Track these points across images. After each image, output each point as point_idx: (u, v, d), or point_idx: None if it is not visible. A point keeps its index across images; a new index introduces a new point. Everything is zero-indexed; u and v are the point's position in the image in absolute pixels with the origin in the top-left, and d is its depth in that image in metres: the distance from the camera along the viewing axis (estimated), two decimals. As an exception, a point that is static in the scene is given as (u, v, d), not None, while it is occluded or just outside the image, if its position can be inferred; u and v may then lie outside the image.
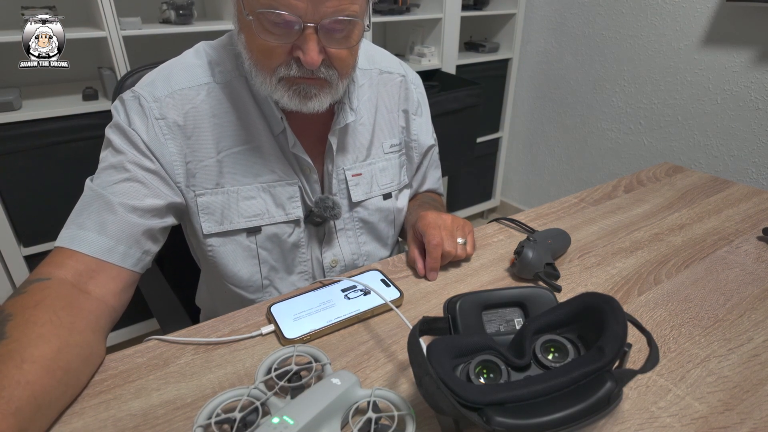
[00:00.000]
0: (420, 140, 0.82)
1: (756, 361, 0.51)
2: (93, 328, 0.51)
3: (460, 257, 0.68)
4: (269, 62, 0.58)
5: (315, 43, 0.55)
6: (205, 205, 0.66)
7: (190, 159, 0.65)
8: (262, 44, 0.57)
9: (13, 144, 1.23)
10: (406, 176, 0.83)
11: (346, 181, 0.74)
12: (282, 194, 0.70)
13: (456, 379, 0.36)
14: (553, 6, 2.02)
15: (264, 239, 0.70)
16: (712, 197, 0.88)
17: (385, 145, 0.78)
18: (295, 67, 0.58)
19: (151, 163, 0.62)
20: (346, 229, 0.77)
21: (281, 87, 0.60)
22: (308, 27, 0.54)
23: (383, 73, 0.77)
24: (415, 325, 0.41)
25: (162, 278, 0.82)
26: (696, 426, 0.43)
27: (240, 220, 0.68)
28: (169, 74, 0.65)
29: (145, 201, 0.61)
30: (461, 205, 2.38)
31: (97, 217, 0.58)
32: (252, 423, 0.41)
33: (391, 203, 0.80)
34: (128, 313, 0.60)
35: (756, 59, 1.50)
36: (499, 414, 0.34)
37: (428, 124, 0.84)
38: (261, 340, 0.54)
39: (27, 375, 0.42)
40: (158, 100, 0.62)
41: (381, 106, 0.77)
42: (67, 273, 0.54)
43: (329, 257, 0.76)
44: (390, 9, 1.80)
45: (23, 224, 1.34)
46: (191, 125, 0.64)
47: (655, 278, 0.65)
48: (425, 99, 0.84)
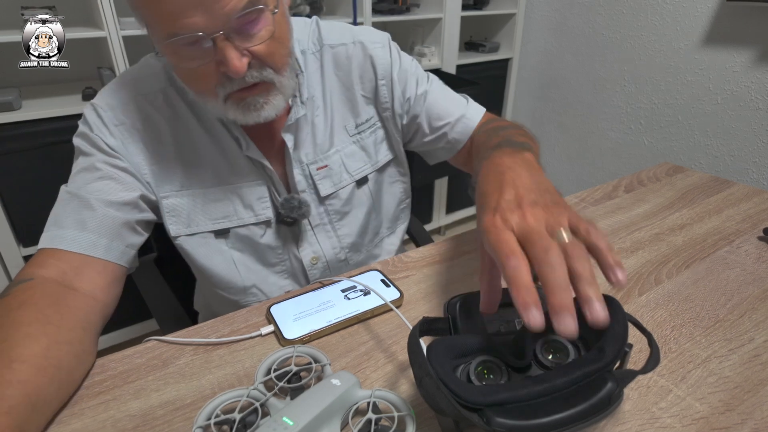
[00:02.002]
0: (395, 106, 0.73)
1: (757, 362, 0.50)
2: (83, 325, 0.51)
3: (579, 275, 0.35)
4: (203, 86, 0.56)
5: (232, 50, 0.52)
6: (171, 207, 0.66)
7: (153, 161, 0.65)
8: (190, 72, 0.56)
9: (12, 144, 1.23)
10: (388, 152, 0.77)
11: (312, 177, 0.71)
12: (250, 195, 0.68)
13: (456, 379, 0.36)
14: (554, 6, 2.02)
15: (235, 241, 0.69)
16: (712, 197, 0.87)
17: (349, 128, 0.73)
18: (229, 82, 0.55)
19: (120, 162, 0.63)
20: (322, 224, 0.74)
21: (230, 106, 0.58)
22: (217, 37, 0.51)
23: (335, 48, 0.71)
24: (415, 325, 0.41)
25: (161, 279, 0.82)
26: (697, 426, 0.43)
27: (207, 223, 0.68)
28: (125, 82, 0.65)
29: (120, 195, 0.61)
30: (461, 205, 2.38)
31: (76, 215, 0.58)
32: (251, 424, 0.41)
33: (368, 188, 0.75)
34: (127, 313, 0.60)
35: (756, 59, 1.50)
36: (500, 415, 0.34)
37: (406, 80, 0.73)
38: (260, 341, 0.54)
39: (18, 374, 0.41)
40: (114, 108, 0.63)
41: (336, 87, 0.72)
42: (51, 272, 0.54)
43: (309, 255, 0.75)
44: (390, 9, 1.80)
45: (22, 224, 1.34)
46: (150, 129, 0.64)
47: (655, 278, 0.64)
48: (398, 57, 0.73)
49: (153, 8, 0.50)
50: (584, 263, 0.35)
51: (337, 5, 1.78)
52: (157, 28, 0.52)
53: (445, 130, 0.75)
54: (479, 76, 2.08)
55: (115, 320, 1.55)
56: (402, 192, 0.83)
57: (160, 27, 0.51)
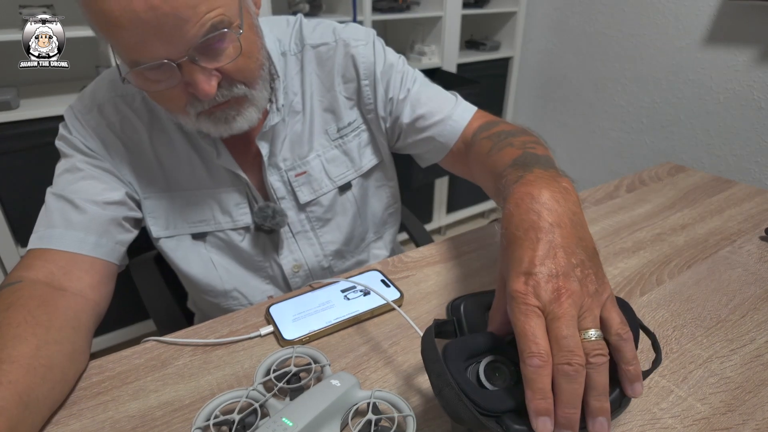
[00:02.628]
0: (379, 107, 0.70)
1: (758, 362, 0.50)
2: (72, 325, 0.51)
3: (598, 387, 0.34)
4: (174, 106, 0.55)
5: (199, 73, 0.50)
6: (150, 208, 0.66)
7: (132, 163, 0.65)
8: (159, 95, 0.54)
9: (10, 143, 1.23)
10: (374, 155, 0.74)
11: (290, 183, 0.69)
12: (227, 200, 0.68)
13: (476, 389, 0.36)
14: (555, 4, 2.02)
15: (213, 245, 0.69)
16: (714, 197, 0.87)
17: (330, 131, 0.70)
18: (198, 102, 0.54)
19: (102, 162, 0.63)
20: (304, 231, 0.73)
21: (202, 120, 0.57)
22: (182, 62, 0.49)
23: (316, 48, 0.68)
24: (428, 330, 0.40)
25: (160, 279, 0.82)
26: (698, 427, 0.43)
27: (184, 225, 0.68)
28: (104, 84, 0.65)
29: (105, 194, 0.61)
30: (461, 204, 2.38)
31: (62, 215, 0.58)
32: (251, 425, 0.40)
33: (352, 195, 0.73)
34: (126, 314, 0.60)
35: (759, 58, 1.49)
36: (516, 421, 0.34)
37: (391, 76, 0.69)
38: (260, 341, 0.54)
39: (8, 375, 0.41)
40: (91, 110, 0.63)
41: (316, 89, 0.69)
42: (39, 273, 0.54)
43: (290, 263, 0.73)
44: (390, 7, 1.79)
45: (21, 224, 1.34)
46: (128, 131, 0.64)
47: (657, 278, 0.64)
48: (382, 54, 0.69)
49: (113, 38, 0.48)
50: (603, 376, 0.33)
51: (337, 4, 1.77)
52: (121, 55, 0.51)
53: (430, 133, 0.70)
54: (480, 75, 2.07)
55: (114, 321, 1.54)
56: (389, 197, 0.80)
57: (123, 55, 0.50)
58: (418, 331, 0.52)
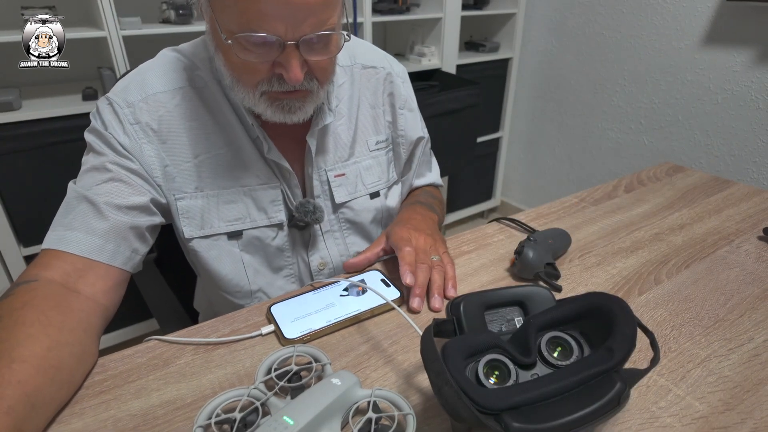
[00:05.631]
0: (407, 134, 0.80)
1: (756, 361, 0.50)
2: (84, 327, 0.51)
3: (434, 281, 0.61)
4: (251, 79, 0.58)
5: (297, 60, 0.54)
6: (185, 209, 0.66)
7: (168, 162, 0.64)
8: (243, 64, 0.56)
9: (12, 144, 1.23)
10: (394, 173, 0.81)
11: (329, 183, 0.73)
12: (263, 198, 0.69)
13: (476, 387, 0.36)
14: (554, 5, 2.02)
15: (246, 243, 0.69)
16: (712, 197, 0.87)
17: (370, 143, 0.76)
18: (276, 83, 0.57)
19: (131, 163, 0.62)
20: (332, 230, 0.76)
21: (263, 101, 0.59)
22: (289, 45, 0.53)
23: (366, 68, 0.76)
24: (428, 330, 0.41)
25: (162, 279, 0.82)
26: (696, 426, 0.43)
27: (220, 224, 0.68)
28: (143, 79, 0.64)
29: (130, 199, 0.61)
30: (461, 204, 2.38)
31: (83, 217, 0.58)
32: (252, 423, 0.41)
33: (380, 202, 0.78)
34: (128, 313, 0.61)
35: (756, 59, 1.50)
36: (516, 419, 0.35)
37: (416, 118, 0.82)
38: (261, 341, 0.54)
39: (17, 374, 0.41)
40: (131, 105, 0.62)
41: (364, 103, 0.75)
42: (55, 274, 0.54)
43: (316, 260, 0.75)
44: (390, 8, 1.80)
45: (23, 224, 1.34)
46: (166, 129, 0.64)
47: (655, 278, 0.65)
48: (412, 93, 0.82)
49: (245, 2, 0.50)
50: (439, 276, 0.62)
51: (337, 5, 1.77)
52: (234, 18, 0.52)
53: (411, 181, 0.87)
54: (479, 75, 2.08)
55: (116, 320, 1.53)
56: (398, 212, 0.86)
57: (239, 20, 0.52)
58: (418, 330, 0.52)
